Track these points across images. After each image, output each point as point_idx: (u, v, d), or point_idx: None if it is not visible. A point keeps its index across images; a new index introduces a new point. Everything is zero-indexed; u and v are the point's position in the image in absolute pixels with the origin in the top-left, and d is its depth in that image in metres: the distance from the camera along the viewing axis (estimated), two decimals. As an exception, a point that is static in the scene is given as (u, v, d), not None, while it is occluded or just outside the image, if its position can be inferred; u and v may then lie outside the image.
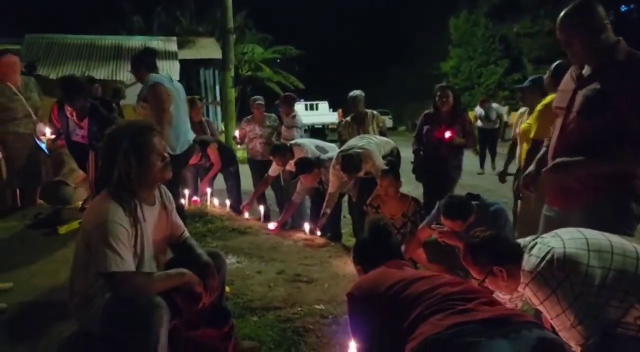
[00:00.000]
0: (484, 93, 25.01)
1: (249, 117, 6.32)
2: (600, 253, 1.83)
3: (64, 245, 3.63)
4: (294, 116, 6.24)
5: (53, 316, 2.52)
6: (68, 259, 2.11)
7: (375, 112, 5.54)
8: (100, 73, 13.58)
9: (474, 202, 3.16)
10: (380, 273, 1.82)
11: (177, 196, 4.03)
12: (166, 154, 2.13)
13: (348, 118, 5.59)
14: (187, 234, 2.43)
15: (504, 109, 12.30)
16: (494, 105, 11.13)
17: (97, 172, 3.79)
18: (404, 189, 4.14)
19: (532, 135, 3.53)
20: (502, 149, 9.37)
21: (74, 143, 4.34)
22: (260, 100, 6.32)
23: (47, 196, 5.09)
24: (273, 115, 6.36)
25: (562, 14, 2.28)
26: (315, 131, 22.05)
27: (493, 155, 10.52)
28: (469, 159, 6.74)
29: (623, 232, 2.13)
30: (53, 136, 4.53)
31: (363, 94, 5.52)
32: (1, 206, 4.83)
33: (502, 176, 5.14)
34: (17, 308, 2.66)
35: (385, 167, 4.25)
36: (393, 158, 4.74)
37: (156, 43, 16.71)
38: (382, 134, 5.37)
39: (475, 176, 9.73)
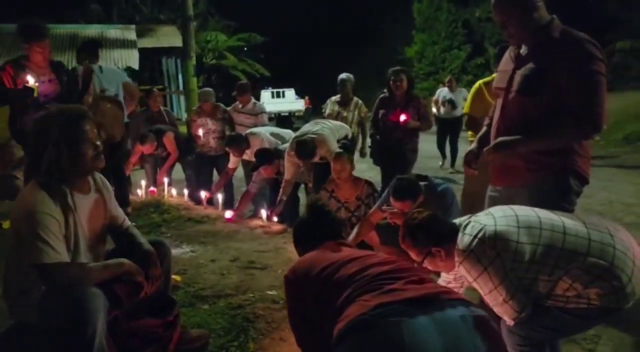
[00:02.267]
0: (448, 77, 25.30)
1: (195, 108, 6.07)
2: (529, 229, 1.88)
3: (6, 238, 3.51)
4: (255, 103, 6.06)
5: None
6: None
7: (360, 101, 5.53)
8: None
9: (422, 183, 3.19)
10: (315, 255, 1.82)
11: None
12: (98, 143, 2.07)
13: (333, 98, 5.58)
14: (128, 222, 2.39)
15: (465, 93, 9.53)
16: (462, 89, 9.24)
17: None
18: (367, 173, 4.16)
19: (464, 110, 3.72)
20: (463, 146, 8.23)
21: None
22: (208, 95, 5.93)
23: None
24: (222, 105, 6.06)
25: None
26: (282, 119, 21.96)
27: (454, 152, 8.57)
28: (426, 143, 6.81)
29: (563, 209, 2.19)
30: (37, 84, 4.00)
31: (352, 76, 5.54)
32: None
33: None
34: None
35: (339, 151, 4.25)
36: (347, 142, 4.75)
37: (114, 31, 16.32)
38: (361, 124, 5.44)
39: (434, 159, 9.71)
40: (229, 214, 4.79)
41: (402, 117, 4.70)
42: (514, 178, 2.38)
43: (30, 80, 3.74)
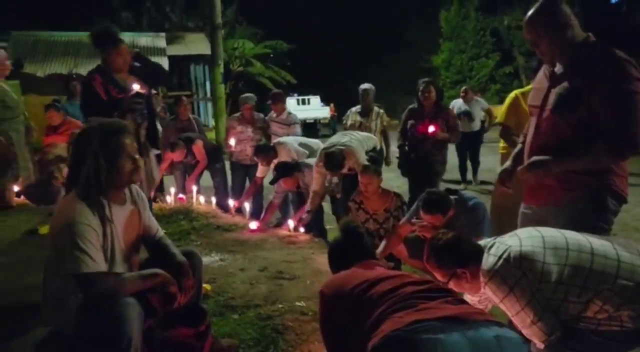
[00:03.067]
0: (476, 86, 25.07)
1: (237, 115, 6.09)
2: (556, 250, 1.86)
3: (43, 245, 3.59)
4: (289, 112, 6.12)
5: (29, 317, 2.51)
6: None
7: (382, 110, 5.55)
8: (88, 70, 13.50)
9: (452, 197, 3.17)
10: (350, 272, 1.84)
11: None
12: (137, 156, 2.12)
13: (354, 109, 5.61)
14: (161, 233, 2.43)
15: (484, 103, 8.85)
16: (479, 99, 8.53)
17: None
18: (393, 184, 4.17)
19: (498, 119, 3.69)
20: (487, 157, 8.22)
21: None
22: (251, 100, 5.99)
23: (32, 196, 5.07)
24: (261, 115, 6.13)
25: (527, 15, 2.29)
26: (307, 126, 22.05)
27: (475, 165, 8.17)
28: (453, 154, 6.75)
29: (601, 228, 2.16)
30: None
31: (373, 87, 5.57)
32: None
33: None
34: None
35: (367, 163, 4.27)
36: (375, 154, 4.75)
37: (144, 39, 16.67)
38: (384, 133, 5.43)
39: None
40: (253, 225, 4.81)
41: (431, 129, 4.69)
42: (547, 197, 2.35)
43: (136, 86, 3.78)
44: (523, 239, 1.94)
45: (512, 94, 4.02)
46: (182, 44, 18.37)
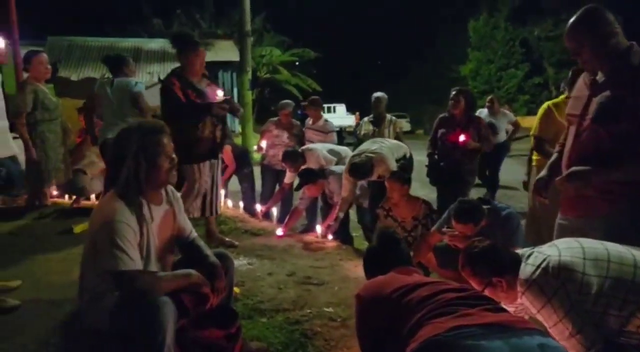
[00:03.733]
0: (504, 97, 24.78)
1: (275, 119, 6.08)
2: (596, 261, 1.82)
3: (77, 244, 3.69)
4: (326, 120, 6.14)
5: (64, 313, 2.57)
6: (80, 258, 2.15)
7: (394, 117, 5.55)
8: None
9: (485, 207, 3.13)
10: (388, 277, 1.83)
11: None
12: (174, 156, 2.15)
13: (366, 118, 5.61)
14: (194, 234, 2.45)
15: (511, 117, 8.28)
16: (506, 112, 8.09)
17: None
18: (420, 192, 4.15)
19: (532, 131, 3.65)
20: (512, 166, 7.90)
21: None
22: (290, 106, 6.00)
23: (63, 189, 5.20)
24: (298, 123, 6.17)
25: (569, 22, 2.25)
26: (333, 134, 22.02)
27: (495, 183, 7.47)
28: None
29: None
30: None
31: (385, 96, 5.56)
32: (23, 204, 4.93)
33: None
34: (29, 305, 2.71)
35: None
36: (405, 162, 4.72)
37: (175, 45, 16.93)
38: (397, 140, 5.40)
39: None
40: (279, 231, 4.83)
41: (462, 138, 4.64)
42: (586, 208, 2.29)
43: (220, 93, 3.86)
44: (562, 249, 1.90)
45: (545, 106, 3.95)
46: (211, 50, 18.62)
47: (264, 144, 5.92)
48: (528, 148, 4.21)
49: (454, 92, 4.80)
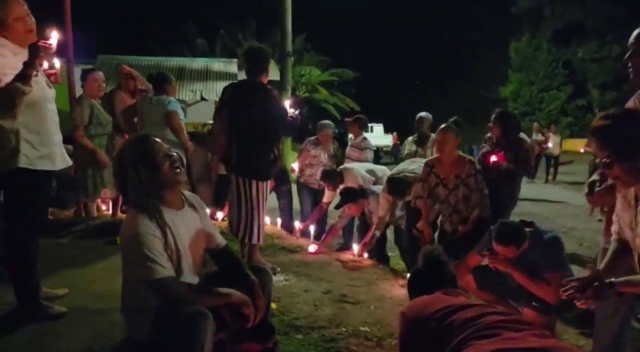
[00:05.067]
0: (546, 119, 24.28)
1: (313, 138, 6.13)
2: None
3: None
4: (365, 138, 6.22)
5: (108, 321, 2.65)
6: (123, 269, 2.22)
7: None
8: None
9: (527, 229, 3.07)
10: (433, 297, 1.82)
11: None
12: (172, 153, 2.18)
13: (410, 138, 5.62)
14: (223, 242, 2.44)
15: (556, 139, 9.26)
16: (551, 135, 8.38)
17: None
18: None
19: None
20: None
21: None
22: (330, 128, 6.07)
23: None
24: (336, 142, 6.24)
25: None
26: (369, 153, 22.00)
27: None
28: (526, 186, 6.52)
29: None
30: None
31: (429, 116, 5.59)
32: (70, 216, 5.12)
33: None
34: (75, 313, 2.80)
35: None
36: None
37: (217, 65, 17.40)
38: None
39: (533, 203, 9.38)
40: (312, 247, 4.84)
41: (493, 158, 4.55)
42: None
43: (291, 110, 3.93)
44: None
45: None
46: (252, 69, 19.01)
47: (296, 166, 5.99)
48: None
49: (494, 115, 4.75)
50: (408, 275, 3.81)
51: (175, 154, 2.20)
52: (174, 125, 4.62)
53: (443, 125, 4.15)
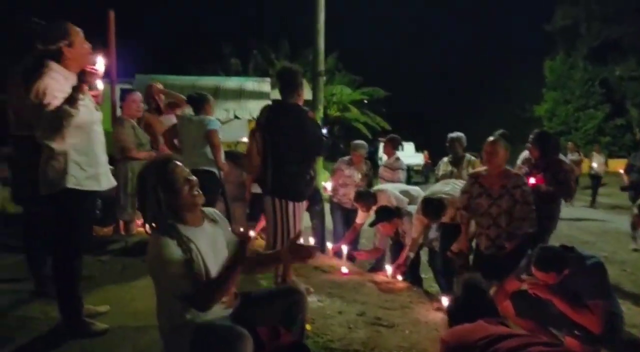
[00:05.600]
0: (583, 139, 23.74)
1: (347, 158, 6.16)
2: None
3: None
4: (397, 158, 6.24)
5: (148, 339, 2.71)
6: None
7: (472, 157, 5.48)
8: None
9: (569, 255, 2.99)
10: (474, 325, 1.80)
11: None
12: (192, 178, 2.23)
13: (445, 159, 5.59)
14: None
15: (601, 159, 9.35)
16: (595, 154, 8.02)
17: None
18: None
19: None
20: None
21: None
22: (363, 148, 6.10)
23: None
24: (368, 162, 6.26)
25: None
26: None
27: None
28: (565, 209, 6.36)
29: None
30: None
31: (463, 136, 5.53)
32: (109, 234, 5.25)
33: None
34: (116, 330, 2.88)
35: None
36: None
37: (251, 84, 17.65)
38: None
39: (572, 226, 9.16)
40: (345, 269, 4.82)
41: (531, 180, 4.48)
42: None
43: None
44: None
45: None
46: (284, 88, 19.23)
47: (328, 185, 6.02)
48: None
49: (532, 135, 4.69)
50: (443, 299, 3.80)
51: (194, 178, 2.25)
52: (214, 143, 4.73)
53: (492, 137, 4.06)
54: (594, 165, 12.86)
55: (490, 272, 3.55)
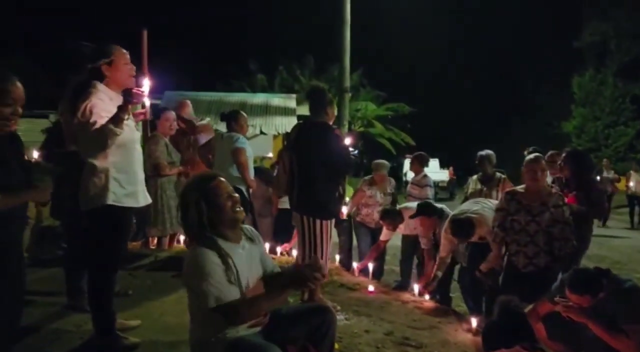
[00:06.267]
0: (613, 156, 23.21)
1: (368, 178, 6.13)
2: None
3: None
4: (425, 175, 6.19)
5: (179, 353, 2.73)
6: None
7: (503, 176, 5.42)
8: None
9: (604, 278, 2.93)
10: (512, 351, 1.77)
11: None
12: (235, 194, 2.29)
13: (475, 176, 5.54)
14: (277, 268, 2.50)
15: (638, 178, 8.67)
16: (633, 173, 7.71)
17: None
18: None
19: None
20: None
21: None
22: (385, 169, 6.10)
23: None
24: (392, 181, 6.23)
25: None
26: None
27: None
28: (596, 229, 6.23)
29: None
30: None
31: (492, 153, 5.46)
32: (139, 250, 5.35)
33: None
34: (147, 345, 2.92)
35: None
36: None
37: (277, 100, 17.87)
38: None
39: (603, 246, 8.93)
40: (371, 287, 4.79)
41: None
42: None
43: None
44: None
45: None
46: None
47: (345, 210, 5.82)
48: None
49: (565, 154, 4.63)
50: (473, 319, 3.75)
51: (237, 195, 2.31)
52: (240, 161, 4.78)
53: (533, 156, 4.01)
54: (631, 184, 12.27)
55: (521, 293, 3.49)
